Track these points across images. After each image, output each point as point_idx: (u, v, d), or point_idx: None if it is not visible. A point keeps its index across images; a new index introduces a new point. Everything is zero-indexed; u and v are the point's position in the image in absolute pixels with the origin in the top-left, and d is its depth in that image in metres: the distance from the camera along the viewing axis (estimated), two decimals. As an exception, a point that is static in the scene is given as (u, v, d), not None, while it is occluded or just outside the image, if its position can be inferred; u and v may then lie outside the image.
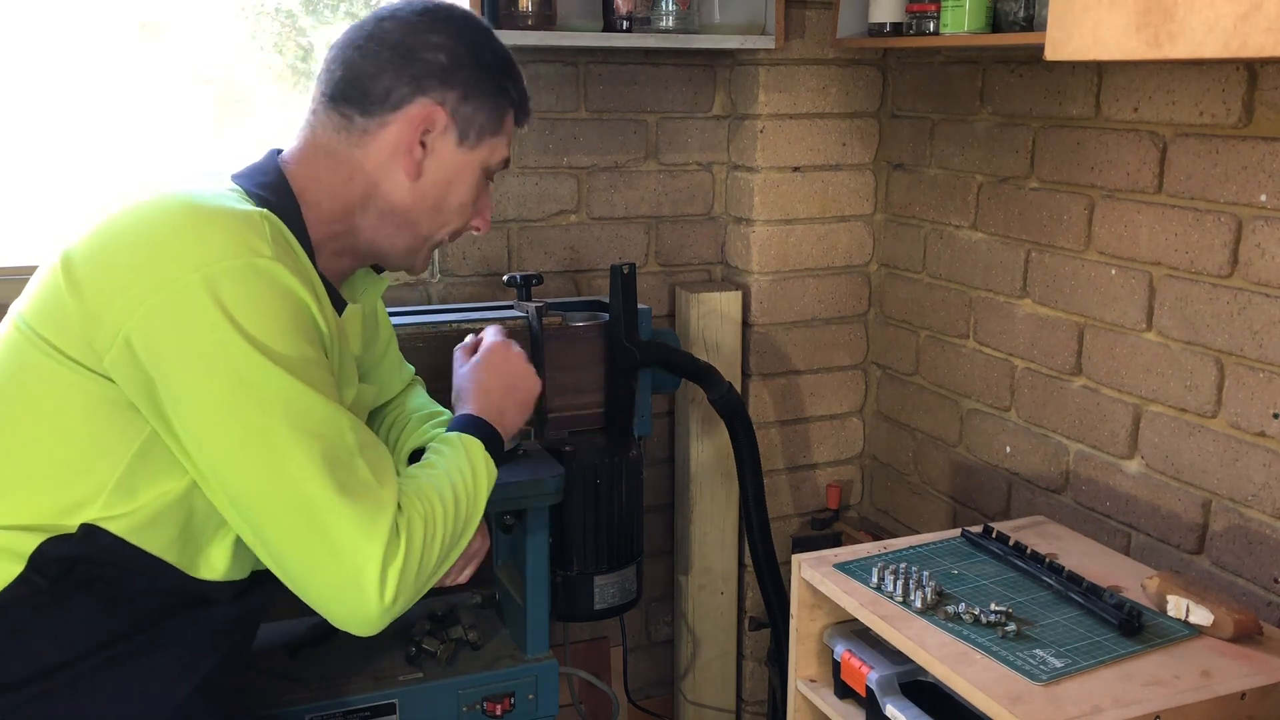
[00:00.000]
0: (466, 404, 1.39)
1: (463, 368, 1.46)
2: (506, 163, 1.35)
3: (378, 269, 1.44)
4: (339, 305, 1.29)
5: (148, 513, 1.13)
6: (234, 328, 1.07)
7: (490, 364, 1.43)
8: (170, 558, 1.16)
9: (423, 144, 1.26)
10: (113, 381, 1.10)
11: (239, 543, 1.19)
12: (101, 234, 1.13)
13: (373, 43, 1.25)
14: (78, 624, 1.15)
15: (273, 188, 1.23)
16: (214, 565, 1.20)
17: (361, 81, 1.24)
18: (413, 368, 1.63)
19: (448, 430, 1.34)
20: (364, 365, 1.51)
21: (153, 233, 1.11)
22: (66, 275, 1.12)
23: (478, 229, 1.36)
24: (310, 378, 1.11)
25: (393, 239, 1.30)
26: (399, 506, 1.14)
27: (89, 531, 1.12)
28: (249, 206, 1.17)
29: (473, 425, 1.34)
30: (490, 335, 1.49)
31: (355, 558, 1.09)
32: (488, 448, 1.30)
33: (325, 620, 1.79)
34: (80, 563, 1.12)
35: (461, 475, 1.25)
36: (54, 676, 1.14)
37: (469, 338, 1.54)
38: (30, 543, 1.11)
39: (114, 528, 1.12)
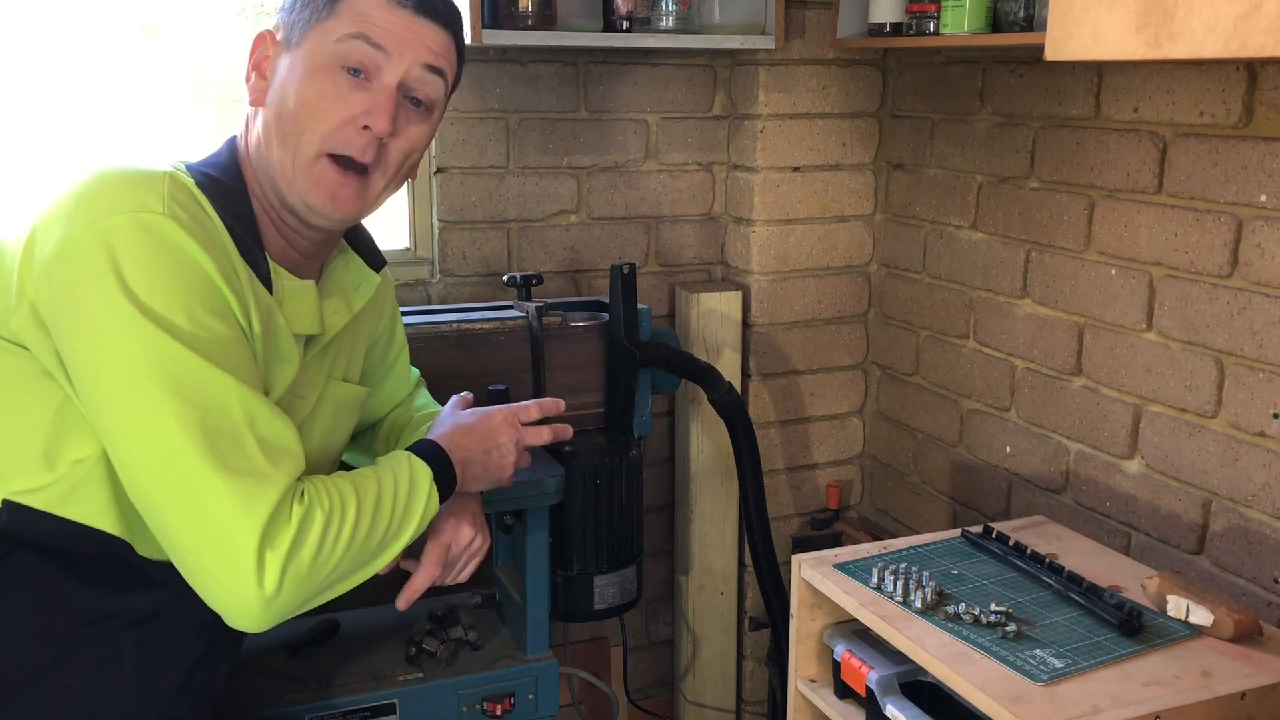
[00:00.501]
0: (436, 433, 1.35)
1: (457, 410, 1.42)
2: (363, 39, 1.19)
3: (374, 264, 1.42)
4: (269, 278, 1.23)
5: (69, 481, 1.11)
6: (118, 284, 1.04)
7: (485, 418, 1.38)
8: (108, 526, 1.13)
9: (259, 71, 1.24)
10: (26, 349, 1.10)
11: None
12: (29, 216, 1.13)
13: None
14: (29, 616, 1.13)
15: (220, 166, 1.23)
16: (156, 542, 1.16)
17: None
18: (418, 371, 1.63)
19: (406, 448, 1.29)
20: (371, 373, 1.51)
21: (56, 201, 1.10)
22: None
23: (367, 127, 1.19)
24: (197, 343, 1.06)
25: (270, 171, 1.22)
26: (300, 494, 1.09)
27: (12, 508, 1.10)
28: (158, 169, 1.14)
29: (429, 451, 1.28)
30: (506, 407, 1.42)
31: (229, 535, 1.04)
32: (437, 478, 1.25)
33: (326, 620, 1.80)
34: (14, 545, 1.11)
35: (394, 489, 1.19)
36: (19, 673, 1.12)
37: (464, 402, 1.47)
38: None
39: (36, 501, 1.10)
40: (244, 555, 1.04)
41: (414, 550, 1.40)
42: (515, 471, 1.40)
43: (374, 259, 1.42)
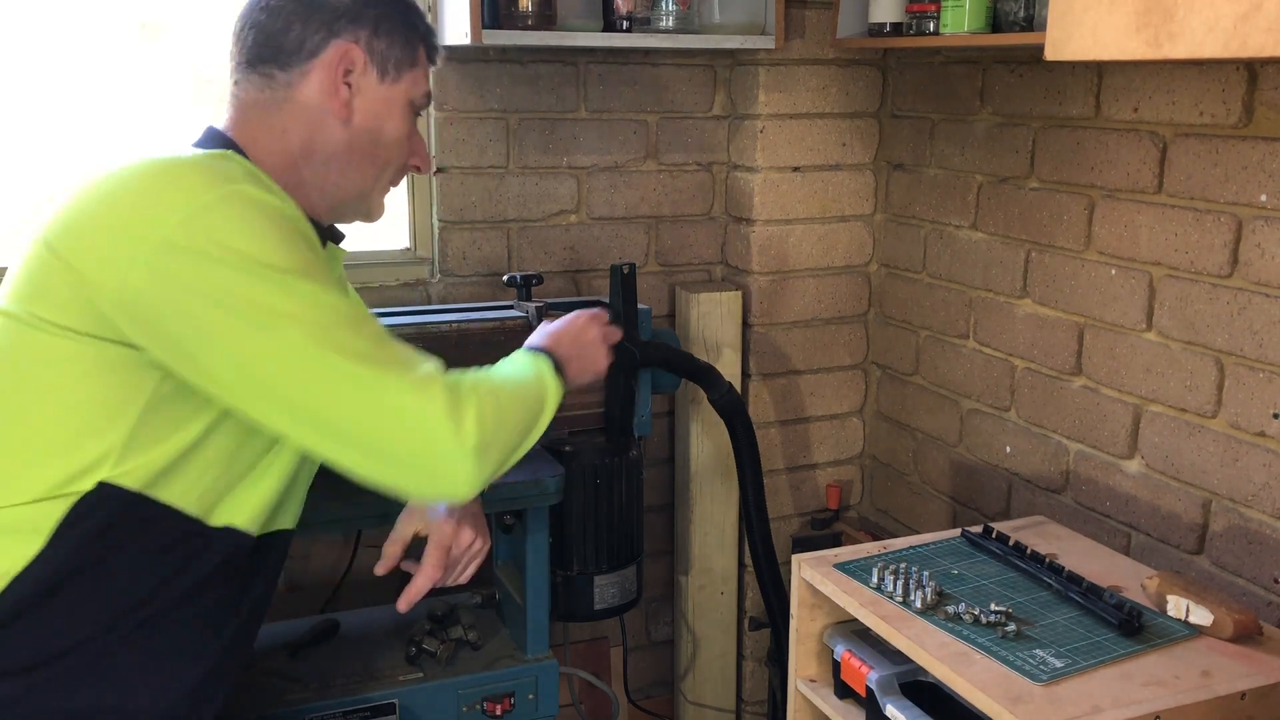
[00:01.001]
0: (532, 343, 1.41)
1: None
2: (429, 98, 1.37)
3: (335, 236, 1.43)
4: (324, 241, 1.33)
5: (161, 464, 1.14)
6: (233, 254, 1.08)
7: (571, 321, 1.46)
8: (188, 507, 1.17)
9: (348, 84, 1.27)
10: (123, 344, 1.11)
11: (257, 495, 1.22)
12: (76, 207, 1.14)
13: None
14: (94, 599, 1.14)
15: (220, 152, 1.25)
16: (230, 514, 1.21)
17: (274, 38, 1.26)
18: None
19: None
20: None
21: (129, 190, 1.12)
22: (50, 251, 1.12)
23: (418, 168, 1.38)
24: (322, 278, 1.13)
25: (341, 184, 1.31)
26: (455, 381, 1.16)
27: (106, 490, 1.12)
28: (212, 150, 1.23)
29: (536, 349, 1.36)
30: (583, 310, 1.51)
31: (425, 418, 1.11)
32: (554, 367, 1.32)
33: (326, 620, 1.80)
34: (97, 531, 1.12)
35: (523, 373, 1.28)
36: (70, 656, 1.13)
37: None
38: (47, 514, 1.11)
39: (128, 482, 1.13)
40: (442, 428, 1.11)
41: (414, 552, 1.40)
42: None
43: (333, 234, 1.44)
